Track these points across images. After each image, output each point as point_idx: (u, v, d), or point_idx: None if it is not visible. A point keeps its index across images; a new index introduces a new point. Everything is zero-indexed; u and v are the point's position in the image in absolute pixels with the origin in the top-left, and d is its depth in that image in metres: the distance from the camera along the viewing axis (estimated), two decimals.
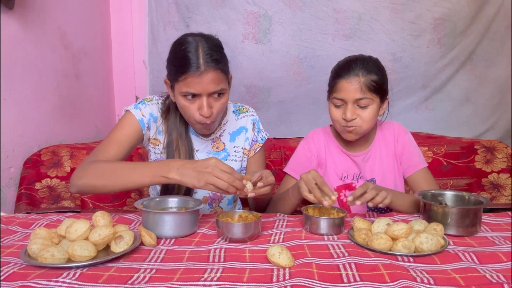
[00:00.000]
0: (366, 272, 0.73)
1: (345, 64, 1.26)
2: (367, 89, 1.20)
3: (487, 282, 0.69)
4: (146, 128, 1.24)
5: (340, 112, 1.25)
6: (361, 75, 1.21)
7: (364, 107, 1.22)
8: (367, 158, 1.35)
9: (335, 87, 1.25)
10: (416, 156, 1.34)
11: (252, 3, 2.72)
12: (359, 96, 1.20)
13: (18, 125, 1.84)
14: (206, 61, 1.09)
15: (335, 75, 1.26)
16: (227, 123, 1.34)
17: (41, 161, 1.95)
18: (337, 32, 2.77)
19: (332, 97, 1.27)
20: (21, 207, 1.88)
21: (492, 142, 2.11)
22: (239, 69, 2.78)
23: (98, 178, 1.07)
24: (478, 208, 0.98)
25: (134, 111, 1.22)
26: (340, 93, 1.23)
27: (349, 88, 1.21)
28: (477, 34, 2.74)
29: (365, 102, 1.21)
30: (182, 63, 1.10)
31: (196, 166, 0.99)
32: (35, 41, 1.95)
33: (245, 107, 1.39)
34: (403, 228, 0.86)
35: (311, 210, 1.04)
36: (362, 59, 1.25)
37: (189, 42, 1.13)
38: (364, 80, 1.20)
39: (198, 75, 1.08)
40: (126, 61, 2.93)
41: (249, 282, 0.69)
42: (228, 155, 1.32)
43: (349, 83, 1.21)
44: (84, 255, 0.76)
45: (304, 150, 1.41)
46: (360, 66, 1.22)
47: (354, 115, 1.22)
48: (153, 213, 0.95)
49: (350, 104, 1.22)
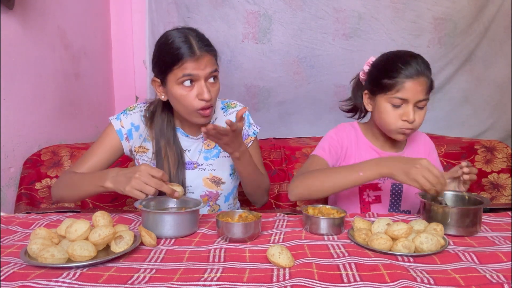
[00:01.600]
0: (366, 272, 0.73)
1: (405, 61, 1.18)
2: (428, 89, 1.18)
3: (487, 282, 0.69)
4: (124, 139, 1.27)
5: (398, 113, 1.19)
6: (424, 74, 1.16)
7: (421, 108, 1.19)
8: None
9: (399, 87, 1.17)
10: None
11: (252, 3, 2.72)
12: (423, 97, 1.17)
13: (18, 125, 1.84)
14: (199, 47, 1.13)
15: (398, 72, 1.17)
16: (216, 120, 1.34)
17: (41, 161, 1.95)
18: (337, 31, 2.77)
19: (391, 97, 1.19)
20: (21, 207, 1.88)
21: (492, 142, 2.11)
22: (239, 69, 2.77)
23: (65, 189, 1.20)
24: (478, 208, 0.98)
25: (114, 122, 1.27)
26: (404, 93, 1.16)
27: (417, 89, 1.16)
28: (477, 34, 2.74)
29: (423, 104, 1.18)
30: (176, 52, 1.11)
31: (127, 172, 1.02)
32: (35, 41, 1.95)
33: (233, 103, 1.39)
34: (403, 228, 0.86)
35: (311, 210, 1.04)
36: (421, 57, 1.20)
37: (175, 34, 1.15)
38: (427, 80, 1.17)
39: (195, 59, 1.11)
40: (126, 61, 2.93)
41: (249, 282, 0.69)
42: (219, 152, 1.32)
43: (417, 84, 1.15)
44: (84, 255, 0.76)
45: (336, 136, 1.34)
46: (424, 65, 1.18)
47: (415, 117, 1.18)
48: (153, 213, 0.96)
49: (411, 105, 1.17)
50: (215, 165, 1.32)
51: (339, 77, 2.79)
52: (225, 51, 2.70)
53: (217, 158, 1.32)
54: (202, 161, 1.31)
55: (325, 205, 1.06)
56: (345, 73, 2.78)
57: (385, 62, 1.25)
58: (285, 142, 2.28)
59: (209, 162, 1.31)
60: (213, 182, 1.31)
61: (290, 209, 1.99)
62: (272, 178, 2.05)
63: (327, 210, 1.04)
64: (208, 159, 1.32)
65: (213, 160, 1.32)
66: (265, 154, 2.07)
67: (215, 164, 1.32)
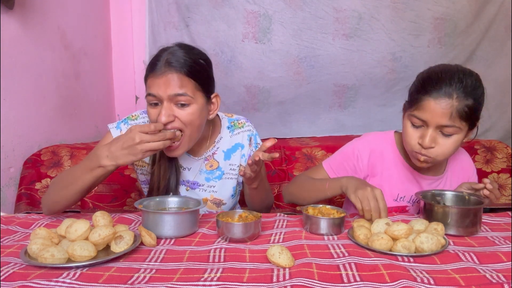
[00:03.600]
0: (366, 272, 0.73)
1: (437, 77, 1.02)
2: (457, 116, 0.98)
3: (487, 282, 0.69)
4: None
5: (417, 134, 1.05)
6: (455, 97, 0.97)
7: (448, 136, 1.02)
8: (436, 186, 1.18)
9: (419, 104, 1.02)
10: None
11: (252, 3, 2.71)
12: (446, 123, 0.99)
13: (18, 125, 1.84)
14: (167, 63, 1.05)
15: (421, 87, 1.03)
16: (221, 140, 1.27)
17: (41, 161, 1.95)
18: (337, 31, 2.77)
19: (410, 114, 1.05)
20: (21, 207, 1.88)
21: (492, 143, 2.11)
22: (239, 69, 2.78)
23: (57, 190, 1.08)
24: (478, 208, 0.98)
25: (114, 131, 1.19)
26: (423, 113, 1.01)
27: (436, 111, 0.98)
28: (478, 34, 2.74)
29: (451, 131, 1.00)
30: (148, 66, 1.09)
31: (122, 143, 0.97)
32: (35, 41, 1.95)
33: (240, 122, 1.30)
34: (403, 228, 0.86)
35: (311, 210, 1.04)
36: (461, 74, 1.00)
37: (165, 49, 1.10)
38: (457, 104, 0.97)
39: (157, 75, 1.04)
40: (126, 61, 2.93)
41: (249, 282, 0.69)
42: (223, 174, 1.27)
43: (437, 104, 0.98)
44: (84, 255, 0.76)
45: (353, 153, 1.20)
46: (457, 85, 0.98)
47: (433, 144, 1.02)
48: (153, 213, 0.95)
49: (431, 129, 1.01)
50: (217, 187, 1.27)
51: (339, 77, 2.79)
52: (225, 51, 2.71)
53: (220, 180, 1.27)
54: (203, 181, 1.26)
55: (325, 205, 1.06)
56: (345, 73, 2.79)
57: (422, 74, 1.08)
58: (285, 142, 2.28)
59: (210, 183, 1.26)
60: (214, 203, 1.28)
61: (290, 209, 1.99)
62: (272, 178, 2.05)
63: (327, 210, 1.04)
64: (210, 180, 1.26)
65: (215, 181, 1.26)
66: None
67: (217, 186, 1.27)
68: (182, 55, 1.07)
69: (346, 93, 2.84)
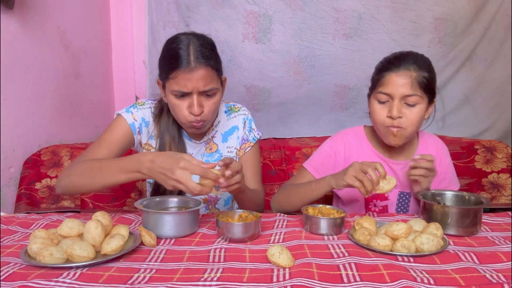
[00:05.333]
0: (366, 272, 0.73)
1: (394, 57, 1.19)
2: (417, 85, 1.12)
3: (487, 282, 0.69)
4: (137, 133, 1.24)
5: (385, 110, 1.16)
6: (412, 69, 1.12)
7: (412, 106, 1.13)
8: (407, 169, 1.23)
9: (382, 81, 1.15)
10: (454, 181, 1.30)
11: (252, 3, 2.71)
12: (409, 92, 1.12)
13: (18, 125, 1.84)
14: (196, 58, 1.08)
15: (382, 68, 1.18)
16: (219, 124, 1.32)
17: (41, 161, 1.95)
18: (337, 31, 2.77)
19: (376, 92, 1.17)
20: (21, 207, 1.88)
21: (492, 143, 2.10)
22: (239, 69, 2.78)
23: (82, 176, 1.07)
24: (478, 208, 0.98)
25: (125, 115, 1.22)
26: (387, 87, 1.14)
27: (399, 82, 1.12)
28: (477, 34, 2.74)
29: (414, 100, 1.12)
30: (173, 60, 1.09)
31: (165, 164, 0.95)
32: (35, 41, 1.95)
33: (236, 106, 1.36)
34: (403, 228, 0.86)
35: (311, 210, 1.04)
36: (414, 53, 1.19)
37: (181, 40, 1.12)
38: (415, 75, 1.12)
39: (188, 71, 1.07)
40: (126, 61, 2.93)
41: (249, 282, 0.69)
42: (221, 156, 1.31)
43: (399, 76, 1.12)
44: (83, 255, 0.76)
45: (330, 149, 1.30)
46: (412, 60, 1.15)
47: (400, 113, 1.13)
48: (153, 213, 0.95)
49: (397, 100, 1.13)
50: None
51: (339, 77, 2.79)
52: (225, 51, 2.70)
53: None
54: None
55: (325, 205, 1.06)
56: (345, 73, 2.78)
57: (381, 61, 1.23)
58: (285, 143, 2.28)
59: None
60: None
61: None
62: (272, 178, 2.05)
63: (327, 210, 1.04)
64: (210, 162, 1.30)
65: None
66: (265, 154, 2.07)
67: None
68: (206, 48, 1.12)
69: (348, 95, 2.83)
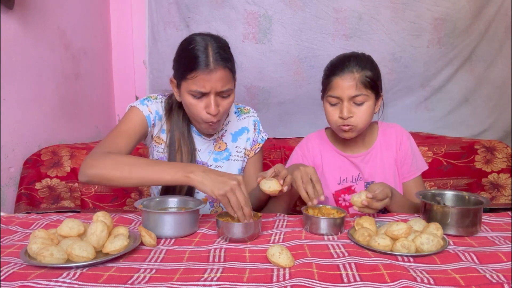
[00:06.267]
0: (366, 272, 0.73)
1: (338, 61, 1.26)
2: (362, 85, 1.20)
3: (487, 282, 0.69)
4: (151, 125, 1.24)
5: (336, 111, 1.24)
6: (355, 71, 1.20)
7: (360, 104, 1.21)
8: (368, 160, 1.33)
9: (330, 85, 1.24)
10: (415, 163, 1.33)
11: (252, 3, 2.72)
12: (355, 93, 1.20)
13: (18, 125, 1.84)
14: (215, 59, 1.10)
15: (329, 73, 1.26)
16: (229, 123, 1.35)
17: (41, 161, 1.95)
18: (337, 32, 2.77)
19: (327, 96, 1.26)
20: (21, 207, 1.88)
21: (492, 142, 2.10)
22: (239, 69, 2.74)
23: (115, 169, 1.03)
24: (478, 208, 0.98)
25: (141, 107, 1.22)
26: (335, 91, 1.22)
27: (344, 85, 1.20)
28: (477, 34, 2.74)
29: (361, 99, 1.21)
30: (191, 61, 1.10)
31: (222, 176, 0.97)
32: (35, 41, 1.95)
33: (246, 108, 1.41)
34: (402, 228, 0.86)
35: (311, 210, 1.04)
36: (355, 55, 1.25)
37: (198, 41, 1.13)
38: (358, 76, 1.20)
39: (207, 73, 1.09)
40: (126, 61, 2.93)
41: (249, 282, 0.69)
42: (230, 155, 1.33)
43: (344, 80, 1.20)
44: (83, 256, 0.76)
45: (298, 156, 1.40)
46: (354, 63, 1.21)
47: (350, 113, 1.21)
48: (153, 213, 0.95)
49: (345, 101, 1.21)
50: (224, 167, 1.32)
51: None
52: None
53: (227, 161, 1.33)
54: (212, 162, 1.31)
55: (325, 205, 1.06)
56: None
57: (327, 66, 1.30)
58: (285, 142, 2.28)
59: (218, 163, 1.32)
60: None
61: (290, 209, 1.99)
62: None
63: (327, 210, 1.04)
64: (218, 160, 1.32)
65: (223, 162, 1.32)
66: (265, 153, 2.07)
67: (224, 167, 1.32)
68: (223, 50, 1.14)
69: None
